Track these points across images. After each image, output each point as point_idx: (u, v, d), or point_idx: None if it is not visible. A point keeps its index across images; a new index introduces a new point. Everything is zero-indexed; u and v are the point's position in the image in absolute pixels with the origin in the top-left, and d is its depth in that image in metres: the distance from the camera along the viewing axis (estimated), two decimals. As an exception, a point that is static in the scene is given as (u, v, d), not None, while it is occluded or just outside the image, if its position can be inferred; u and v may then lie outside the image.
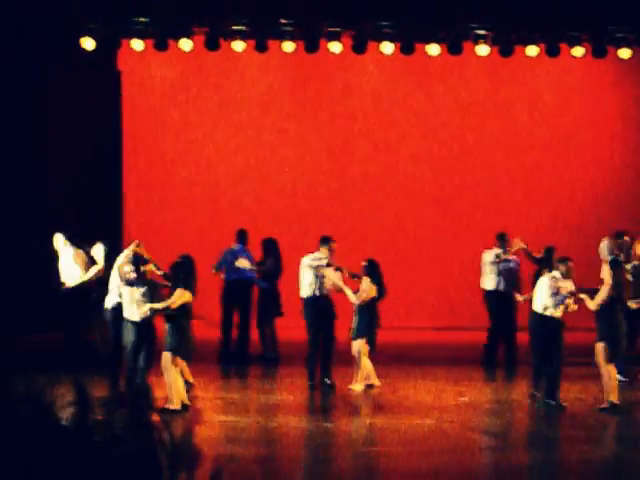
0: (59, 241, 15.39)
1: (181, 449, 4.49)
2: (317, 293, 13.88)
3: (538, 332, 12.65)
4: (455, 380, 14.61)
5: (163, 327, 12.42)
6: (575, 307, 12.55)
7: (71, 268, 15.20)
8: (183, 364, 12.57)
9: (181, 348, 12.17)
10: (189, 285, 12.28)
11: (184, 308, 12.24)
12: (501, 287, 15.94)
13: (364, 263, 13.99)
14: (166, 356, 12.12)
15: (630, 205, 20.57)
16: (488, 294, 16.07)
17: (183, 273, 12.35)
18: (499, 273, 15.95)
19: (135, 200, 20.08)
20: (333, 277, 13.80)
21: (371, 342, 13.91)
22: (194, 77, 20.20)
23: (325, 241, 14.09)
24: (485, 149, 20.63)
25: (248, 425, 11.75)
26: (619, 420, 12.34)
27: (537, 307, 12.65)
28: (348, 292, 13.72)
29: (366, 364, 13.84)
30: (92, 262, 14.96)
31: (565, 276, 12.55)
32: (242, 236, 16.31)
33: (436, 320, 20.01)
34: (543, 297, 12.55)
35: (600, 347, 12.34)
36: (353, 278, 13.97)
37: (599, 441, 11.62)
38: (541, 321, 12.54)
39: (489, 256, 16.04)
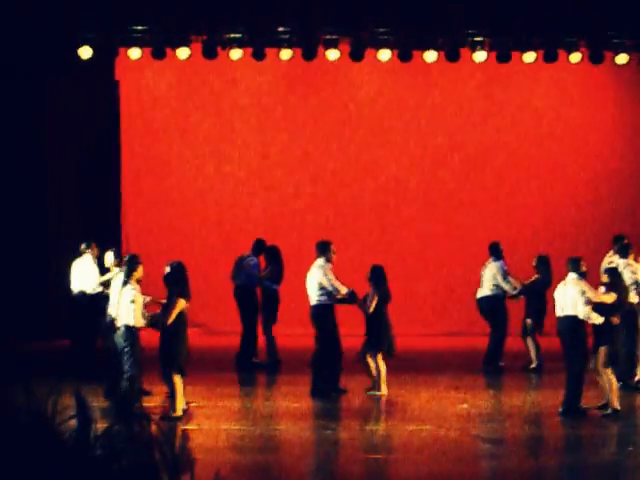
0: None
1: (182, 460, 4.47)
2: (329, 301, 13.86)
3: (578, 335, 12.47)
4: (456, 387, 14.60)
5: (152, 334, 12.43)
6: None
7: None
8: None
9: (179, 361, 12.17)
10: (183, 292, 12.29)
11: (181, 317, 12.24)
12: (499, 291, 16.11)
13: (372, 270, 14.10)
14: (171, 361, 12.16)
15: (627, 209, 20.59)
16: (494, 300, 16.11)
17: (175, 281, 12.35)
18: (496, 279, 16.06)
19: (133, 208, 20.07)
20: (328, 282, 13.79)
21: (389, 347, 14.00)
22: (192, 85, 20.19)
23: (325, 247, 14.02)
24: (483, 155, 20.62)
25: (250, 433, 11.73)
26: (621, 425, 12.34)
27: (573, 312, 12.42)
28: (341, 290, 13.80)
29: (382, 368, 13.93)
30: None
31: (584, 275, 12.54)
32: (254, 245, 16.38)
33: (437, 327, 20.00)
34: (577, 300, 12.35)
35: (602, 352, 12.33)
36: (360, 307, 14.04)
37: (601, 446, 11.59)
38: (578, 324, 12.39)
39: (494, 268, 16.04)
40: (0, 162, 18.42)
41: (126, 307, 12.20)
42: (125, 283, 12.37)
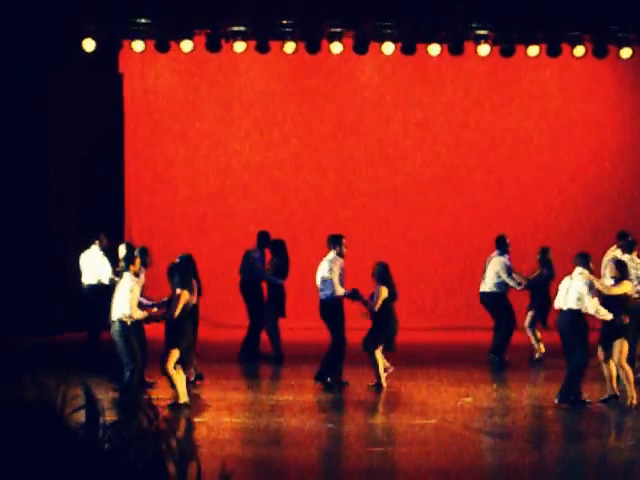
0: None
1: (187, 454, 4.49)
2: (337, 294, 13.78)
3: (581, 329, 12.48)
4: (459, 381, 14.62)
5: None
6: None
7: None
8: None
9: (182, 346, 12.29)
10: (186, 284, 12.36)
11: (184, 309, 12.32)
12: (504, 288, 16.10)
13: (377, 267, 14.07)
14: (173, 353, 12.20)
15: (630, 204, 20.59)
16: (495, 296, 16.09)
17: (178, 274, 12.42)
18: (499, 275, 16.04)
19: (137, 201, 20.09)
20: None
21: (390, 342, 14.02)
22: (195, 78, 20.19)
23: (336, 241, 13.96)
24: (487, 149, 20.62)
25: (254, 425, 11.76)
26: (624, 418, 12.38)
27: (576, 306, 12.42)
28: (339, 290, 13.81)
29: (380, 362, 13.97)
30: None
31: (592, 272, 12.56)
32: (258, 238, 16.36)
33: (440, 320, 20.02)
34: (583, 294, 12.35)
35: (624, 344, 12.35)
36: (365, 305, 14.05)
37: (604, 440, 11.61)
38: (580, 318, 12.39)
39: (498, 264, 16.01)
40: (3, 156, 18.42)
41: (120, 300, 12.22)
42: (122, 274, 12.45)
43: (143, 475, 4.12)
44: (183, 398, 12.24)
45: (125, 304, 12.18)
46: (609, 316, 12.31)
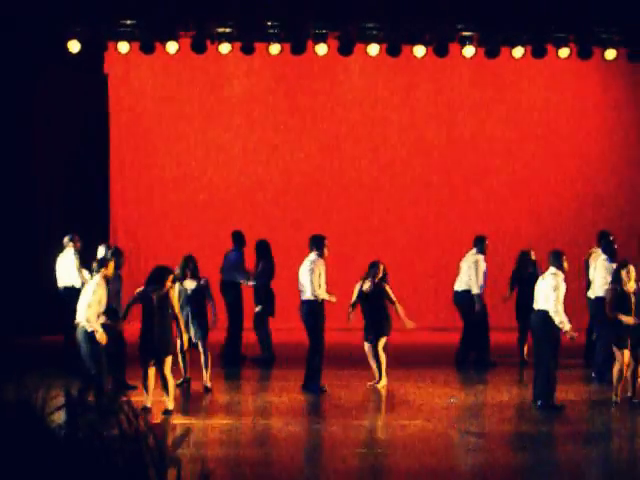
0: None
1: (171, 455, 4.48)
2: (317, 296, 13.64)
3: (551, 329, 12.38)
4: (444, 382, 14.64)
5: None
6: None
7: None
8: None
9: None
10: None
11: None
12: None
13: (381, 266, 14.10)
14: (168, 360, 12.20)
15: (617, 204, 20.63)
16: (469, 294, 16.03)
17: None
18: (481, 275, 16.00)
19: (122, 201, 20.06)
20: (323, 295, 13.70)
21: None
22: (180, 79, 20.18)
23: (318, 241, 13.85)
24: (472, 150, 20.65)
25: (241, 427, 11.75)
26: (612, 420, 12.41)
27: (545, 306, 12.36)
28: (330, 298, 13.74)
29: (382, 358, 14.09)
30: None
31: (564, 272, 12.45)
32: (235, 238, 16.26)
33: (425, 321, 20.02)
34: (549, 294, 12.27)
35: None
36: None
37: (590, 441, 11.63)
38: (550, 318, 12.28)
39: (472, 262, 15.96)
40: (-12, 157, 18.41)
41: (82, 302, 12.06)
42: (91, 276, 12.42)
43: (123, 476, 4.11)
44: (171, 405, 12.22)
45: (85, 308, 11.99)
46: (567, 326, 12.18)
